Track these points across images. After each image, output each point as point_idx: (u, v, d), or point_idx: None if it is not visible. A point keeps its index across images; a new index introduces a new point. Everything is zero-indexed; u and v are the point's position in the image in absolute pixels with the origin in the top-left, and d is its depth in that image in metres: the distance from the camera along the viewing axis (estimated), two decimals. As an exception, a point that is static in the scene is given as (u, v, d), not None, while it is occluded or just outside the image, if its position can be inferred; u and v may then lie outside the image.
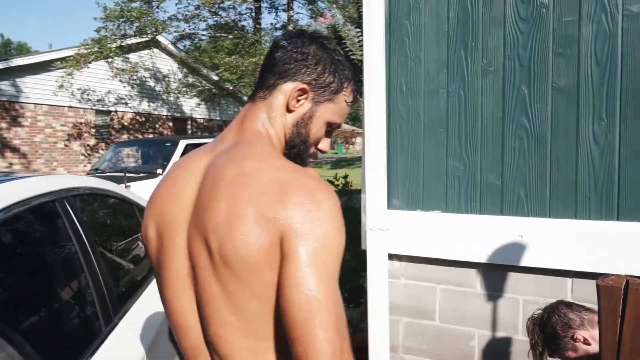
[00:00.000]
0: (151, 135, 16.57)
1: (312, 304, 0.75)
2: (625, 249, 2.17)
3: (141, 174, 7.11)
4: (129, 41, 14.92)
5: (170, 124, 18.05)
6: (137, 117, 16.84)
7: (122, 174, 6.59)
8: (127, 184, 6.15)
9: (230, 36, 18.33)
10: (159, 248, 0.96)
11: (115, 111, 16.09)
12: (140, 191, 5.43)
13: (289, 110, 0.98)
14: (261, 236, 0.81)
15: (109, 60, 14.93)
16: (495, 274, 2.48)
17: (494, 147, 2.45)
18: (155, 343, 1.76)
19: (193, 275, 0.90)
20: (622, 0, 2.19)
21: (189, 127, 18.80)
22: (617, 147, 2.22)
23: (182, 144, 7.67)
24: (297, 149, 1.00)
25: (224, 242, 0.83)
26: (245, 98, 20.52)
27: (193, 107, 18.56)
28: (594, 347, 1.63)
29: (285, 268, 0.78)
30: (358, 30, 7.92)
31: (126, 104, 16.36)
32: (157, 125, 17.50)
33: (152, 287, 2.03)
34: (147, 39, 15.57)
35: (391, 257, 2.68)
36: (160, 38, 16.39)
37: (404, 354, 2.73)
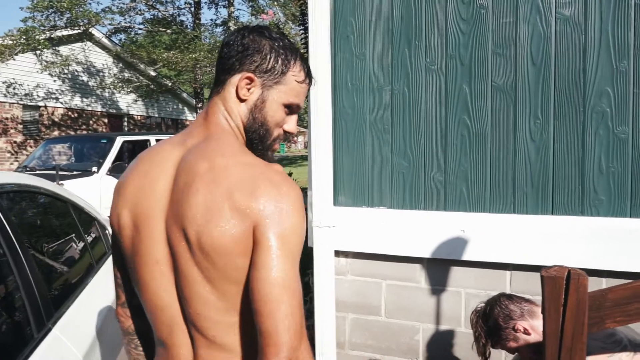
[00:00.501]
0: (85, 132, 15.83)
1: (283, 285, 0.86)
2: (558, 242, 2.28)
3: (75, 172, 6.76)
4: (59, 33, 14.16)
5: (105, 120, 17.33)
6: (69, 113, 16.04)
7: (53, 172, 6.23)
8: (60, 182, 5.82)
9: (168, 31, 17.82)
10: (135, 236, 1.02)
11: (45, 106, 15.25)
12: (74, 190, 5.17)
13: (242, 100, 1.05)
14: (235, 227, 0.90)
15: (38, 52, 14.12)
16: (439, 268, 2.53)
17: (437, 144, 2.50)
18: (93, 347, 1.66)
19: (172, 260, 0.99)
20: (555, 4, 2.29)
21: (125, 123, 18.12)
22: (552, 144, 2.32)
23: (119, 140, 7.37)
24: (258, 134, 1.06)
25: (202, 233, 0.92)
26: (185, 95, 20.06)
27: (130, 103, 17.90)
28: (534, 337, 1.70)
29: (258, 252, 0.89)
30: (300, 28, 7.91)
31: (57, 98, 15.54)
32: (91, 122, 16.75)
33: (90, 289, 1.92)
34: (79, 31, 14.85)
35: (337, 253, 2.68)
36: (93, 31, 15.69)
37: (351, 350, 2.74)
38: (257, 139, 1.06)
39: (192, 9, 18.01)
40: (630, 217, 2.22)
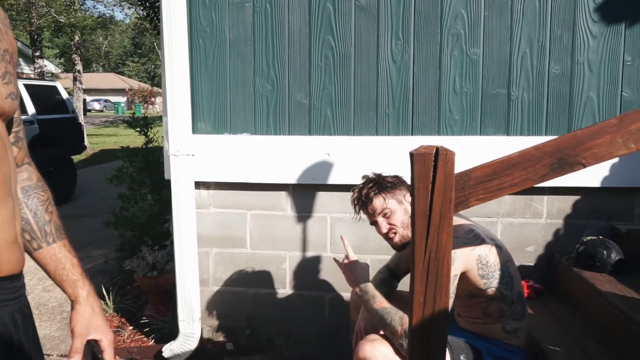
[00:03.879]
0: None
1: None
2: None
3: None
4: None
5: None
6: None
7: None
8: None
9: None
10: None
11: None
12: None
13: None
14: None
15: None
16: (305, 194, 2.48)
17: (301, 66, 2.40)
18: None
19: None
20: None
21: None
22: (412, 66, 2.35)
23: None
24: None
25: None
26: (20, 44, 17.60)
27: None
28: None
29: None
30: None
31: None
32: None
33: None
34: None
35: (198, 185, 2.50)
36: None
37: (215, 287, 2.60)
38: None
39: (24, -57, 15.64)
40: (480, 135, 2.34)
